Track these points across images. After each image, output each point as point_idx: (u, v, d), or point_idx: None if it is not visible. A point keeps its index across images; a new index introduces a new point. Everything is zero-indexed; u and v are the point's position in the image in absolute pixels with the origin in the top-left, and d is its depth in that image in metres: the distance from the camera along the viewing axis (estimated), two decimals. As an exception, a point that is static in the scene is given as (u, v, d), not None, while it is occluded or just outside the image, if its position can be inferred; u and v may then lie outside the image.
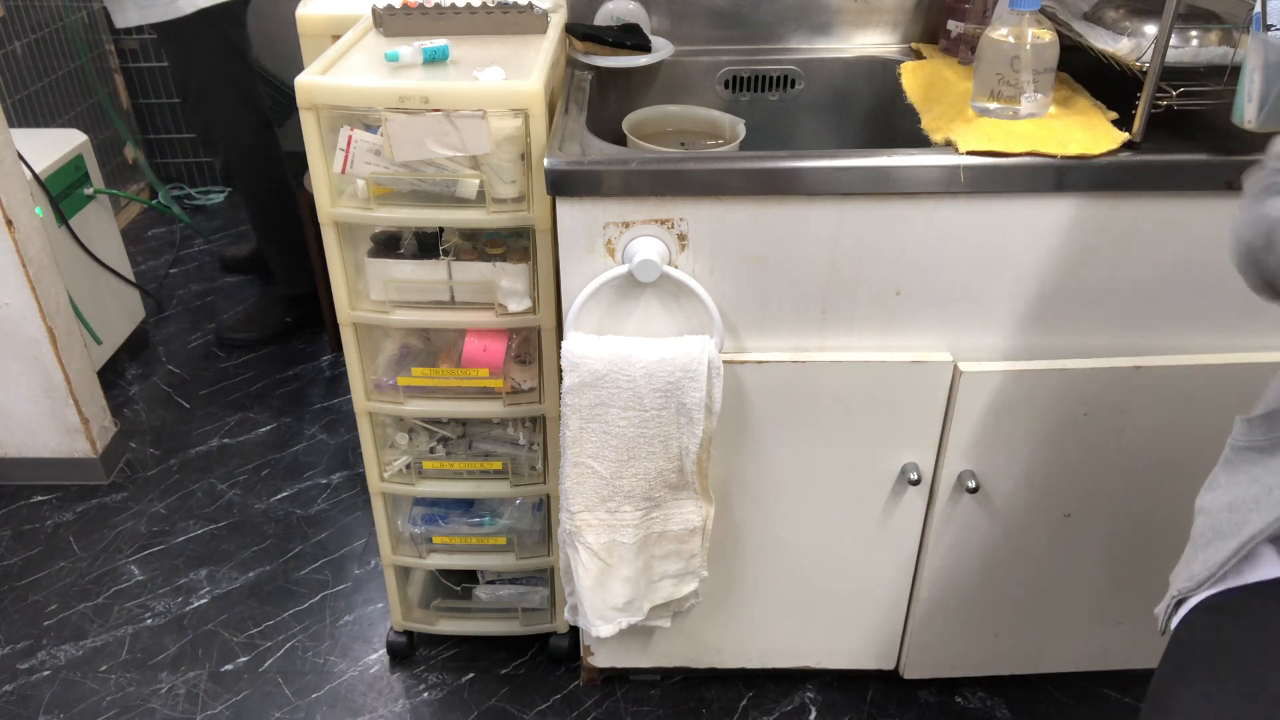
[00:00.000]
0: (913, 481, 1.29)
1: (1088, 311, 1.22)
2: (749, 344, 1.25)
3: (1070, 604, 1.45)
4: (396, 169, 1.20)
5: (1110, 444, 1.29)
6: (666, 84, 1.55)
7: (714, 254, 1.17)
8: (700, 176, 1.11)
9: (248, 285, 2.83)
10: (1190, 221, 1.16)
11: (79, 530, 1.95)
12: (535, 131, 1.17)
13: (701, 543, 1.32)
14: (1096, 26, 1.22)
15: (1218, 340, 1.25)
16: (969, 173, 1.11)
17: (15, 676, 1.64)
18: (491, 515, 1.53)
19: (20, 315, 1.87)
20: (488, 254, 1.29)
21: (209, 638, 1.71)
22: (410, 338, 1.41)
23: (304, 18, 1.64)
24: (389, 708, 1.58)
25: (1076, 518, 1.36)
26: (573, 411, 1.20)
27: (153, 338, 2.58)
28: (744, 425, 1.28)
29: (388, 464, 1.47)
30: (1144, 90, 1.10)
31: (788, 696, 1.59)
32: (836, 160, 1.11)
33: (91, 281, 2.27)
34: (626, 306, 1.21)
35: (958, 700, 1.58)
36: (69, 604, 1.78)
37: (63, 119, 2.88)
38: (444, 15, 1.36)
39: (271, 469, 2.10)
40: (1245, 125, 1.07)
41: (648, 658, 1.53)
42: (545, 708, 1.58)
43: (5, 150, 1.79)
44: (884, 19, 1.55)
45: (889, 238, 1.16)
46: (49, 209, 2.09)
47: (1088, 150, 1.11)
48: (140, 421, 2.26)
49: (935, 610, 1.44)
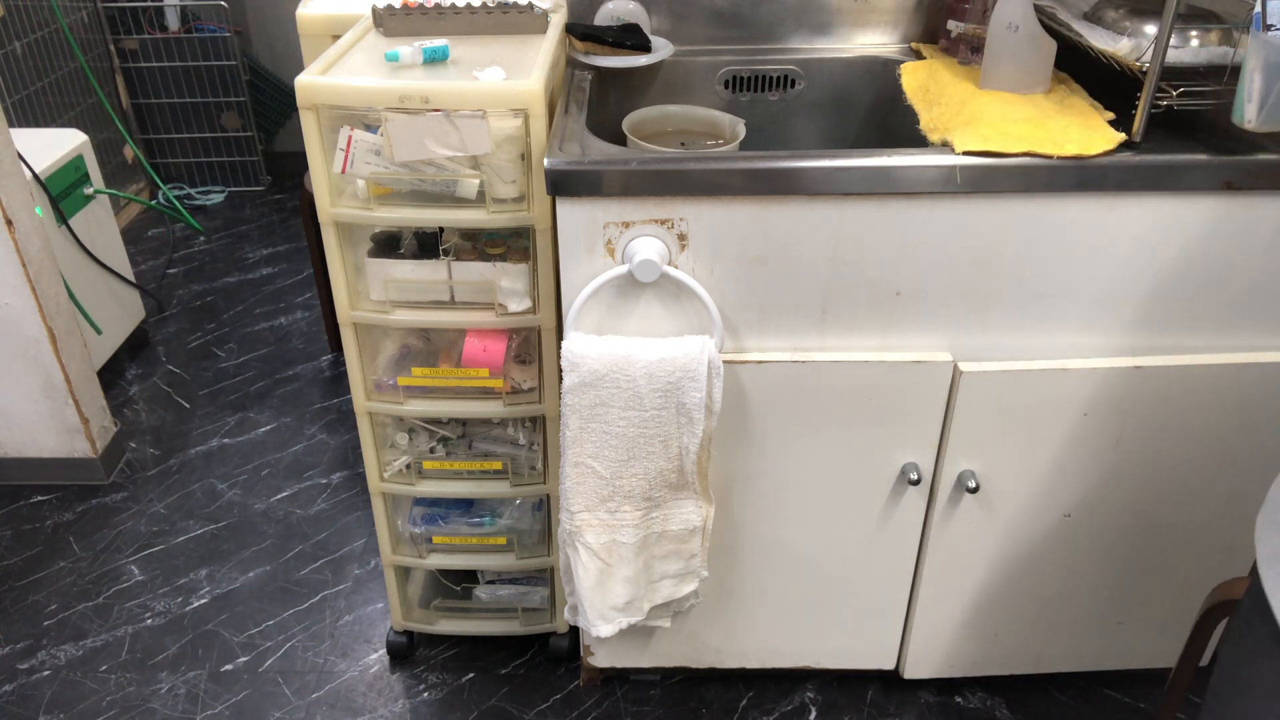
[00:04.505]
0: (913, 481, 1.29)
1: (1088, 311, 1.22)
2: (749, 344, 1.25)
3: (1070, 604, 1.45)
4: (396, 169, 1.20)
5: (1110, 444, 1.29)
6: (666, 84, 1.55)
7: (714, 254, 1.17)
8: (700, 176, 1.11)
9: (247, 285, 2.83)
10: (1190, 221, 1.16)
11: (79, 530, 1.95)
12: (535, 131, 1.17)
13: (701, 543, 1.32)
14: (1096, 26, 1.22)
15: (1218, 340, 1.25)
16: (965, 173, 1.11)
17: (15, 676, 1.64)
18: (491, 515, 1.53)
19: (20, 315, 1.87)
20: (488, 254, 1.29)
21: (209, 638, 1.71)
22: (410, 338, 1.41)
23: (304, 18, 1.64)
24: (389, 708, 1.58)
25: (1076, 518, 1.36)
26: (573, 411, 1.20)
27: (153, 338, 2.58)
28: (744, 425, 1.28)
29: (388, 464, 1.47)
30: (1144, 90, 1.10)
31: (788, 696, 1.59)
32: (836, 160, 1.11)
33: (91, 281, 2.27)
34: (626, 306, 1.21)
35: (958, 700, 1.58)
36: (69, 604, 1.78)
37: (63, 119, 2.88)
38: (444, 15, 1.36)
39: (271, 469, 2.10)
40: (1245, 125, 1.08)
41: (648, 658, 1.53)
42: (545, 708, 1.58)
43: (5, 150, 1.79)
44: (884, 19, 1.55)
45: (889, 238, 1.16)
46: (49, 209, 2.09)
47: (1084, 150, 1.11)
48: (140, 421, 2.26)
49: (935, 610, 1.44)
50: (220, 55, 3.19)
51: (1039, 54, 1.24)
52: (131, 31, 3.15)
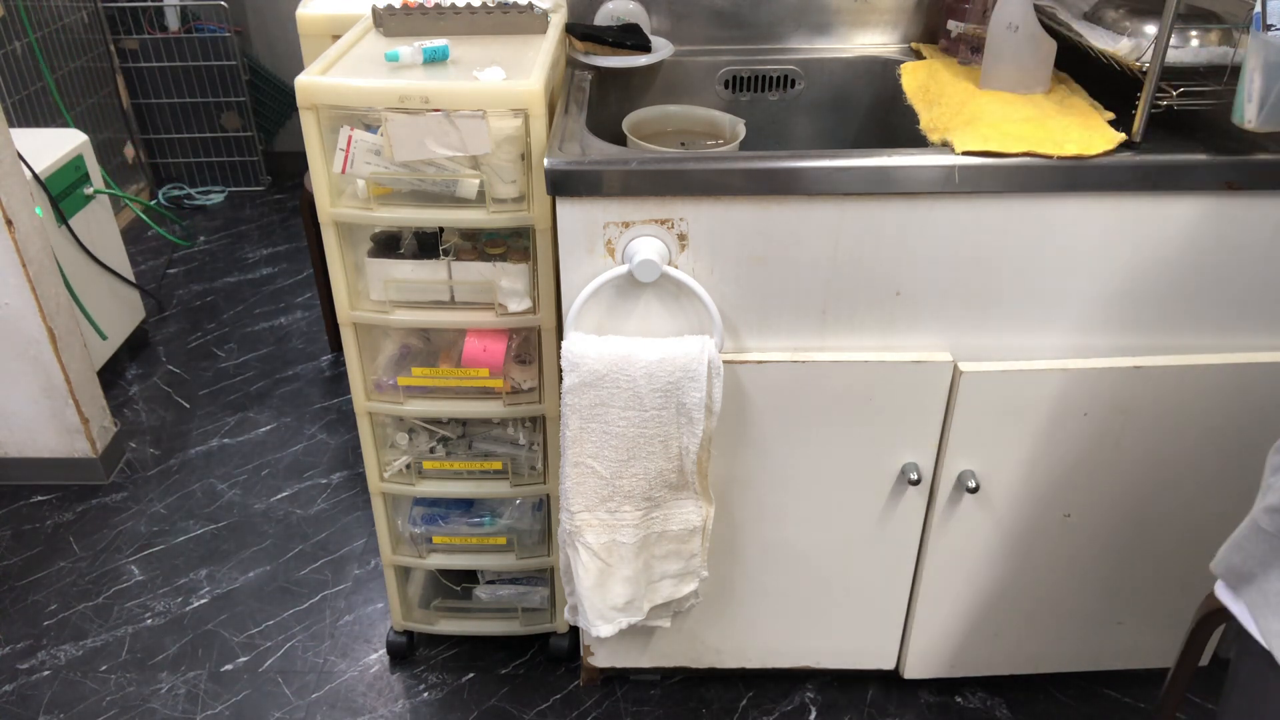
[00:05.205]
0: (913, 481, 1.29)
1: (1088, 311, 1.22)
2: (749, 344, 1.25)
3: (1070, 604, 1.45)
4: (396, 169, 1.20)
5: (1110, 444, 1.29)
6: (666, 84, 1.55)
7: (714, 254, 1.17)
8: (700, 176, 1.11)
9: (247, 285, 2.83)
10: (1190, 221, 1.16)
11: (79, 530, 1.95)
12: (535, 131, 1.17)
13: (701, 543, 1.32)
14: (1096, 26, 1.22)
15: (1218, 340, 1.25)
16: (964, 173, 1.11)
17: (15, 676, 1.64)
18: (491, 515, 1.53)
19: (20, 315, 1.87)
20: (488, 254, 1.29)
21: (209, 638, 1.71)
22: (410, 338, 1.41)
23: (304, 18, 1.64)
24: (389, 708, 1.58)
25: (1076, 518, 1.36)
26: (573, 411, 1.20)
27: (153, 338, 2.58)
28: (744, 425, 1.28)
29: (388, 464, 1.47)
30: (1144, 90, 1.10)
31: (788, 696, 1.59)
32: (836, 160, 1.11)
33: (91, 281, 2.27)
34: (626, 306, 1.21)
35: (958, 700, 1.58)
36: (69, 604, 1.78)
37: (62, 119, 2.88)
38: (444, 15, 1.36)
39: (271, 469, 2.10)
40: (1245, 125, 1.08)
41: (648, 658, 1.53)
42: (545, 708, 1.58)
43: (5, 150, 1.79)
44: (884, 19, 1.55)
45: (889, 238, 1.16)
46: (49, 209, 2.09)
47: (1084, 150, 1.11)
48: (140, 421, 2.26)
49: (935, 610, 1.44)
50: (220, 55, 3.19)
51: (1039, 54, 1.24)
52: (131, 31, 3.15)
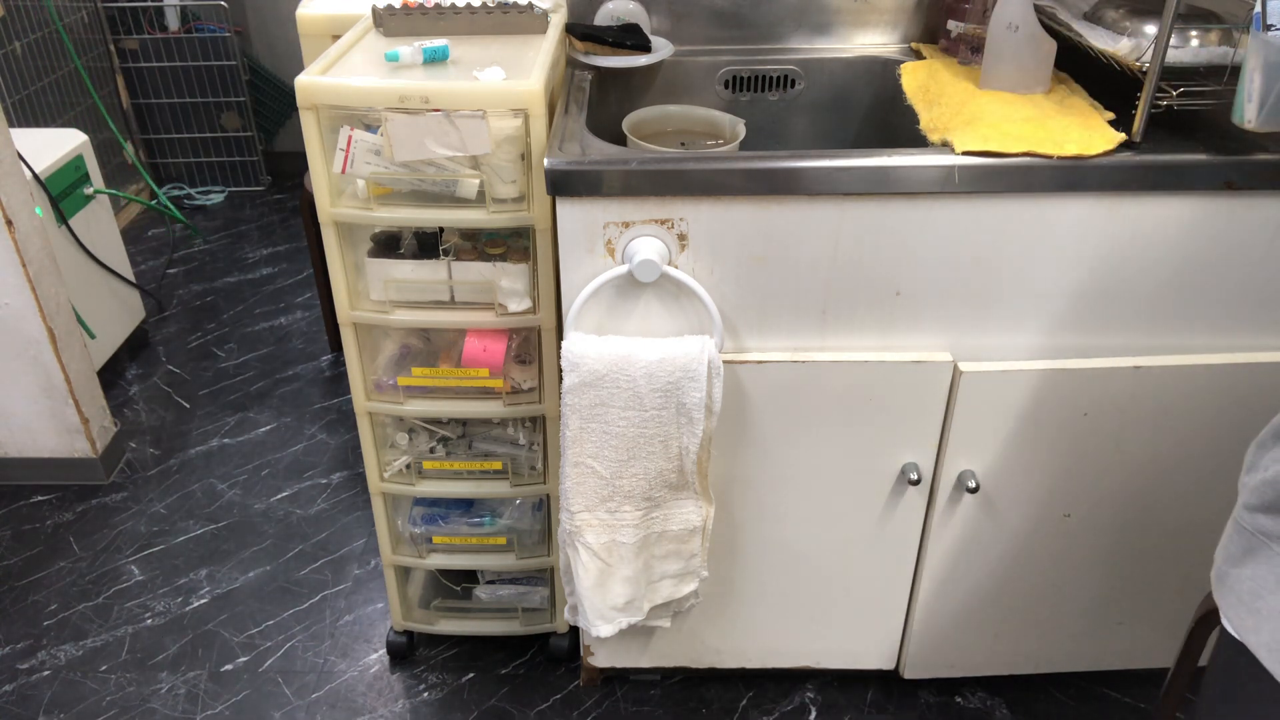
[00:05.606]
0: (913, 481, 1.29)
1: (1088, 311, 1.22)
2: (749, 344, 1.25)
3: (1070, 604, 1.45)
4: (396, 169, 1.20)
5: (1110, 444, 1.29)
6: (666, 84, 1.55)
7: (714, 254, 1.17)
8: (700, 176, 1.11)
9: (247, 285, 2.83)
10: (1190, 221, 1.16)
11: (79, 530, 1.95)
12: (535, 131, 1.16)
13: (701, 543, 1.32)
14: (1096, 26, 1.22)
15: (1218, 340, 1.25)
16: (965, 173, 1.11)
17: (15, 676, 1.64)
18: (491, 515, 1.53)
19: (20, 315, 1.87)
20: (488, 254, 1.29)
21: (209, 638, 1.71)
22: (410, 338, 1.41)
23: (304, 18, 1.64)
24: (389, 708, 1.58)
25: (1076, 518, 1.36)
26: (573, 411, 1.20)
27: (153, 338, 2.58)
28: (744, 425, 1.28)
29: (388, 464, 1.47)
30: (1144, 90, 1.10)
31: (788, 696, 1.59)
32: (836, 160, 1.11)
33: (91, 281, 2.27)
34: (626, 306, 1.21)
35: (958, 700, 1.58)
36: (69, 604, 1.78)
37: (63, 119, 2.88)
38: (444, 15, 1.36)
39: (271, 469, 2.10)
40: (1245, 125, 1.08)
41: (648, 658, 1.52)
42: (545, 708, 1.58)
43: (5, 150, 1.79)
44: (884, 19, 1.55)
45: (889, 238, 1.16)
46: (49, 209, 2.09)
47: (1084, 150, 1.11)
48: (140, 421, 2.26)
49: (935, 610, 1.44)
50: (220, 55, 3.19)
51: (1039, 54, 1.24)
52: (131, 31, 3.15)
